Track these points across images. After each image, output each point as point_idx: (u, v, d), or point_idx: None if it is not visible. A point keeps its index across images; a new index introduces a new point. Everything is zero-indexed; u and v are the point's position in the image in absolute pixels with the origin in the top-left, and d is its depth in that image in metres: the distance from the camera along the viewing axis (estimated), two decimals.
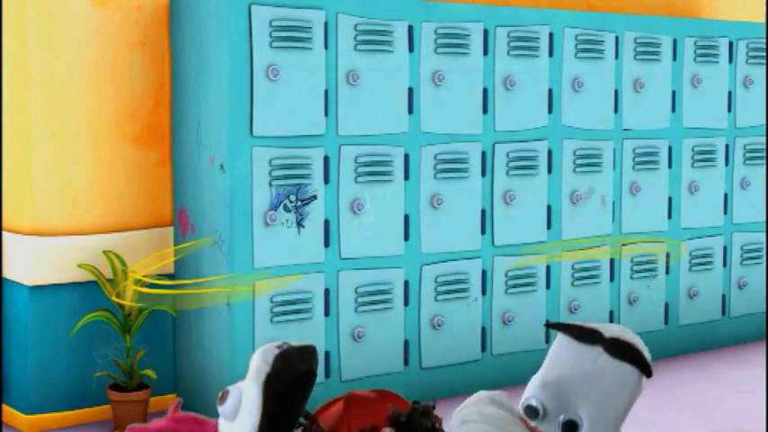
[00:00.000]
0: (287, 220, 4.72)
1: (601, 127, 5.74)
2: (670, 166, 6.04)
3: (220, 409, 2.56)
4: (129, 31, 4.88)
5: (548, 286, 5.55)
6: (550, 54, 5.52)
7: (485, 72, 5.29)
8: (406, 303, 5.09)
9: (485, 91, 5.30)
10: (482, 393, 2.60)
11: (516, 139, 5.42)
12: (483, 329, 5.35)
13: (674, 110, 6.04)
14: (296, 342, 2.59)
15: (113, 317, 4.68)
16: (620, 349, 2.62)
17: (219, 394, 2.59)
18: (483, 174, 5.31)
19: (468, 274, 5.28)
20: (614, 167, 5.81)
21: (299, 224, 4.74)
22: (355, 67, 4.88)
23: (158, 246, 4.96)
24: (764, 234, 6.49)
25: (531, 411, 2.50)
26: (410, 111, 5.07)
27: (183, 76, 4.88)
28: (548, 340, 5.51)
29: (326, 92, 4.81)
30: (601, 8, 6.45)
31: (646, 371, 2.68)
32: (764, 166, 6.47)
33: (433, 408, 2.82)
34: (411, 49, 5.05)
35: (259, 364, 2.51)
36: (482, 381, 5.35)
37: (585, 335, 2.58)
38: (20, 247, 4.71)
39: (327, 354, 4.87)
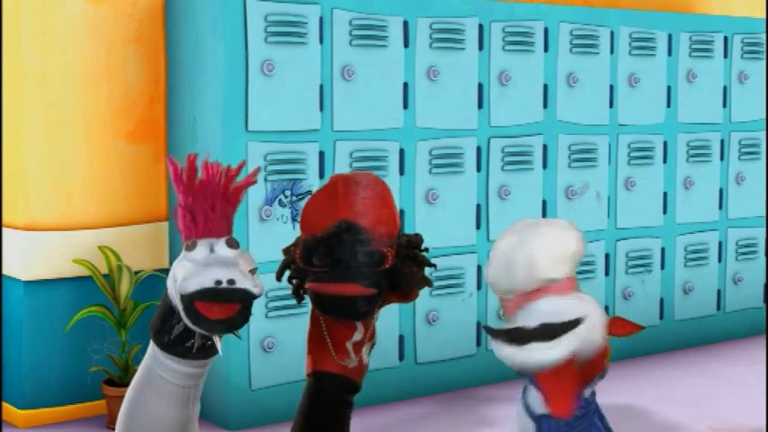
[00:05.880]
0: (282, 216, 4.73)
1: (596, 122, 5.74)
2: (665, 162, 6.05)
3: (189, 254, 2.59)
4: (124, 27, 4.88)
5: None
6: (545, 49, 5.52)
7: (480, 67, 5.30)
8: None
9: (480, 86, 5.30)
10: None
11: (511, 134, 5.42)
12: (478, 325, 5.36)
13: (669, 105, 6.04)
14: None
15: (108, 312, 4.68)
16: (553, 332, 2.63)
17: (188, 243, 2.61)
18: (478, 169, 5.32)
19: (463, 269, 5.28)
20: (609, 162, 5.81)
21: (294, 219, 4.74)
22: (350, 62, 4.88)
23: (154, 241, 4.97)
24: (762, 230, 6.50)
25: None
26: (405, 106, 5.07)
27: (179, 72, 4.88)
28: None
29: (321, 87, 4.81)
30: (596, 3, 6.46)
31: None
32: (759, 161, 6.48)
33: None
34: (406, 45, 5.05)
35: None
36: (477, 376, 5.36)
37: (514, 338, 2.63)
38: (15, 242, 4.71)
39: None
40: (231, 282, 2.52)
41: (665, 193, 6.06)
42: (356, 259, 2.97)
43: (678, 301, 6.14)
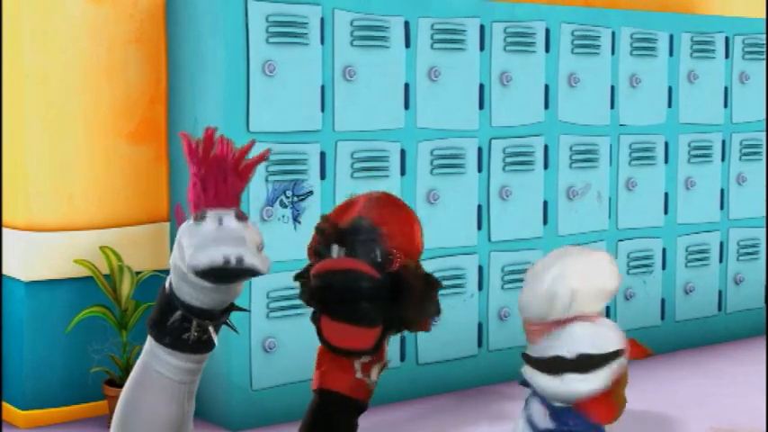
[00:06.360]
0: (283, 216, 4.73)
1: (597, 122, 5.74)
2: (666, 162, 6.04)
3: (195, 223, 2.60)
4: (125, 28, 4.88)
5: None
6: (547, 50, 5.52)
7: (481, 68, 5.29)
8: None
9: (481, 87, 5.30)
10: None
11: (512, 134, 5.42)
12: (479, 325, 5.36)
13: (670, 105, 6.04)
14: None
15: (110, 312, 4.68)
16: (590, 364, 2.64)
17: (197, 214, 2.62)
18: (479, 169, 5.31)
19: (464, 270, 5.28)
20: (610, 163, 5.81)
21: (296, 220, 4.74)
22: (351, 62, 4.88)
23: (155, 241, 4.96)
24: (761, 230, 6.49)
25: None
26: (406, 106, 5.07)
27: (180, 72, 4.88)
28: None
29: (323, 87, 4.81)
30: (597, 4, 6.46)
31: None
32: (760, 162, 6.48)
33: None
34: (407, 45, 5.05)
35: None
36: (479, 376, 5.36)
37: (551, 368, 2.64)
38: (16, 242, 4.71)
39: None
40: (240, 260, 2.56)
41: (666, 194, 6.06)
42: (362, 249, 2.98)
43: (679, 302, 6.14)
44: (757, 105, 6.43)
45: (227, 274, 2.56)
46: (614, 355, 2.63)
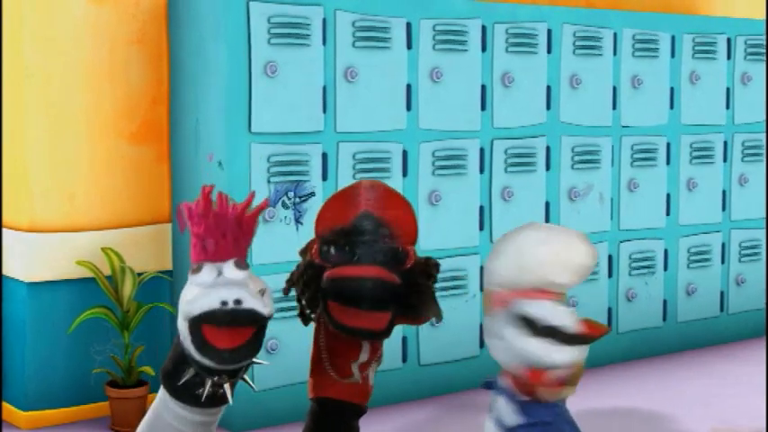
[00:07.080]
0: (285, 217, 4.72)
1: (599, 124, 5.74)
2: (668, 163, 6.04)
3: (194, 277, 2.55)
4: (127, 28, 4.88)
5: None
6: (549, 51, 5.52)
7: (483, 69, 5.29)
8: None
9: (483, 88, 5.30)
10: None
11: (514, 135, 5.42)
12: (481, 326, 5.35)
13: (672, 106, 6.04)
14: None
15: (111, 313, 4.68)
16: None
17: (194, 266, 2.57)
18: (481, 170, 5.31)
19: (466, 271, 5.28)
20: (612, 164, 5.81)
21: (298, 221, 4.74)
22: (353, 63, 4.88)
23: (156, 242, 4.96)
24: (763, 231, 6.49)
25: None
26: (408, 107, 5.07)
27: (182, 73, 4.88)
28: None
29: (324, 88, 4.81)
30: (599, 5, 6.45)
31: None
32: (763, 163, 6.48)
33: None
34: (409, 46, 5.05)
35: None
36: (481, 377, 5.35)
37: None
38: (17, 243, 4.71)
39: None
40: (238, 302, 2.44)
41: (668, 195, 6.06)
42: (378, 251, 2.97)
43: (681, 303, 6.14)
44: (759, 106, 6.43)
45: (225, 318, 2.44)
46: (587, 339, 2.64)
